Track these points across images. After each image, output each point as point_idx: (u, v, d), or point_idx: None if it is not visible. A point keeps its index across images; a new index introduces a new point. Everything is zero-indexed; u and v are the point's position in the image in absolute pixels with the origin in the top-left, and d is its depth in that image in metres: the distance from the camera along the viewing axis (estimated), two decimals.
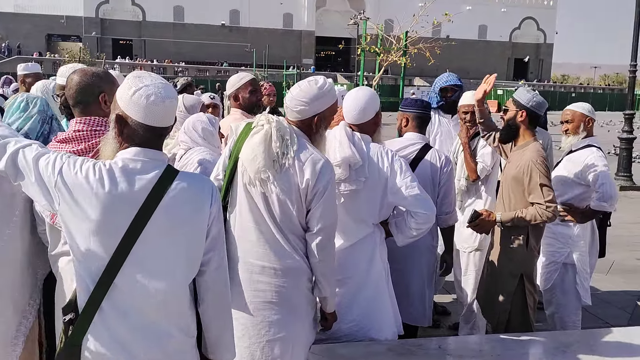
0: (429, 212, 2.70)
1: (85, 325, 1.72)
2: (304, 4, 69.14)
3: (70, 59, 46.28)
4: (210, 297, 1.86)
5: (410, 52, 9.33)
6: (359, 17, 19.75)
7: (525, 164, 3.09)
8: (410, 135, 3.37)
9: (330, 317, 2.52)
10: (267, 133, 2.29)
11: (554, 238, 3.75)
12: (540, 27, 75.84)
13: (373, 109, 2.87)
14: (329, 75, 55.30)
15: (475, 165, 3.97)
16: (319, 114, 2.37)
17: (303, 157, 2.27)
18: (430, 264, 3.41)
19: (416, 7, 16.04)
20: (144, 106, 1.70)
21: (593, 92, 60.22)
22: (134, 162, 1.73)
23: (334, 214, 2.38)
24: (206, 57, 63.71)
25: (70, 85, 2.36)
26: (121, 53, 61.47)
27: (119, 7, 65.52)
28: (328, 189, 2.29)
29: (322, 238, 2.32)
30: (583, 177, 3.64)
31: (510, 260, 3.19)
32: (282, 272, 2.35)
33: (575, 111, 3.78)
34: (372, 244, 2.83)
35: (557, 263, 3.75)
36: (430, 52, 9.52)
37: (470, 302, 4.06)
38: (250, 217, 2.34)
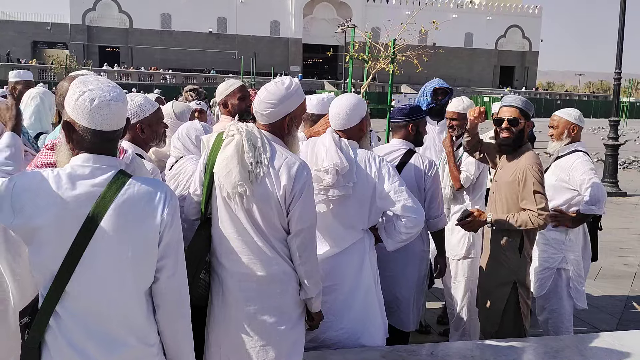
0: (417, 216, 2.71)
1: (41, 329, 1.72)
2: (292, 11, 69.43)
3: (57, 66, 46.05)
4: (164, 304, 1.81)
5: (398, 59, 9.37)
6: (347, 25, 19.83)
7: (521, 170, 3.09)
8: (395, 142, 3.42)
9: (316, 317, 2.51)
10: (239, 144, 2.28)
11: (547, 244, 3.77)
12: (526, 35, 76.84)
13: (358, 115, 2.87)
14: (316, 82, 55.57)
15: (459, 174, 4.00)
16: (289, 114, 2.38)
17: (277, 164, 2.28)
18: (421, 270, 3.41)
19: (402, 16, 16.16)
20: (88, 110, 1.68)
21: (578, 99, 61.01)
22: (83, 168, 1.71)
23: (312, 215, 2.38)
24: (193, 65, 63.67)
25: (60, 93, 2.35)
26: (108, 60, 61.21)
27: (105, 15, 65.31)
28: (305, 190, 2.29)
29: (302, 239, 2.32)
30: (571, 182, 3.67)
31: (503, 267, 3.19)
32: (269, 279, 2.34)
33: (561, 118, 3.82)
34: (361, 250, 2.83)
35: (551, 269, 3.77)
36: (418, 59, 9.56)
37: (460, 309, 4.07)
38: (232, 228, 2.33)
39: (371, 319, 2.84)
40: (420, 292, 3.44)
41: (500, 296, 3.20)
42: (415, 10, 11.79)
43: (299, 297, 2.42)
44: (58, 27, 64.66)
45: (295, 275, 2.38)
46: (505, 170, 3.23)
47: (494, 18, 74.60)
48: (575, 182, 3.65)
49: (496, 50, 76.24)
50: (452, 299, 4.14)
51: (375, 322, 2.86)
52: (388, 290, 3.11)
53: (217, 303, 2.42)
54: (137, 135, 2.67)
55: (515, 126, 3.15)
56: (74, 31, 64.19)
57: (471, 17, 73.59)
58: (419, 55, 9.98)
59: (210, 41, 67.63)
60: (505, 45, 76.73)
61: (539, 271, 3.78)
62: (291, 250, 2.34)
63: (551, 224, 3.59)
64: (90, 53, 63.24)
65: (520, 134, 3.17)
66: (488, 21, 74.37)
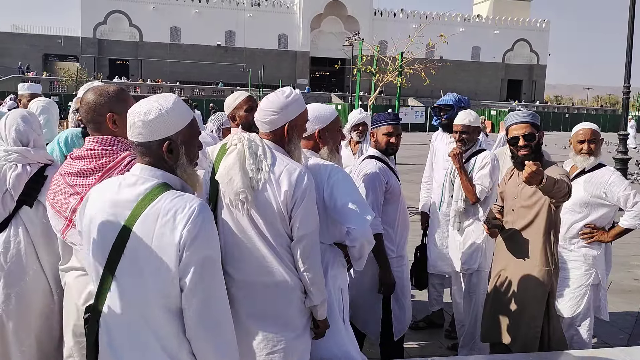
0: (359, 227, 2.53)
1: (93, 326, 1.81)
2: (299, 25, 69.93)
3: (67, 78, 46.53)
4: (188, 326, 1.74)
5: (406, 72, 9.40)
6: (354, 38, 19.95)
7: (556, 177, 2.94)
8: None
9: (322, 324, 2.49)
10: (240, 152, 2.31)
11: (580, 261, 3.72)
12: (533, 49, 76.87)
13: (316, 124, 2.72)
14: (324, 95, 55.75)
15: (473, 188, 3.96)
16: (289, 122, 2.40)
17: (278, 170, 2.29)
18: (369, 274, 3.34)
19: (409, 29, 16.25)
20: (128, 123, 1.82)
21: (586, 113, 60.79)
22: (131, 177, 1.81)
23: (314, 220, 2.37)
24: (202, 77, 64.12)
25: (82, 104, 2.37)
26: (118, 73, 61.79)
27: (116, 28, 66.05)
28: (306, 196, 2.29)
29: (305, 245, 2.32)
30: (610, 197, 3.63)
31: (538, 279, 3.11)
32: (274, 288, 2.34)
33: (599, 132, 3.76)
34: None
35: (586, 286, 3.71)
36: (426, 72, 9.59)
37: (471, 323, 4.02)
38: (236, 236, 2.34)
39: (340, 348, 2.67)
40: (374, 297, 3.39)
41: (537, 313, 3.10)
42: (422, 24, 11.85)
43: (304, 306, 2.41)
44: (69, 40, 65.45)
45: (300, 284, 2.37)
46: (529, 187, 3.06)
47: (501, 32, 74.73)
48: (614, 198, 3.61)
49: (503, 63, 76.26)
50: (462, 314, 4.09)
51: (350, 349, 2.70)
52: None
53: None
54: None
55: (532, 141, 3.10)
56: (84, 44, 64.93)
57: (478, 31, 73.76)
58: (426, 68, 10.03)
59: (218, 54, 68.18)
60: (513, 58, 76.76)
61: (572, 289, 3.71)
62: (295, 256, 2.34)
63: (585, 240, 3.59)
64: (101, 66, 63.91)
65: (537, 146, 3.14)
66: (495, 35, 74.51)
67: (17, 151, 2.58)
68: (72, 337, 2.33)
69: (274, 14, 69.67)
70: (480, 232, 3.95)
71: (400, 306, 3.51)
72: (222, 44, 68.79)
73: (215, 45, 68.20)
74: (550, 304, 3.13)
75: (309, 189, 2.31)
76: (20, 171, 2.57)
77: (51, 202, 2.30)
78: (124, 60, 66.89)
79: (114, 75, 60.17)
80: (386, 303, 3.44)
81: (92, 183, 2.21)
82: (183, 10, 67.19)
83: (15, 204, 2.56)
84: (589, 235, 3.69)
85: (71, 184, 2.25)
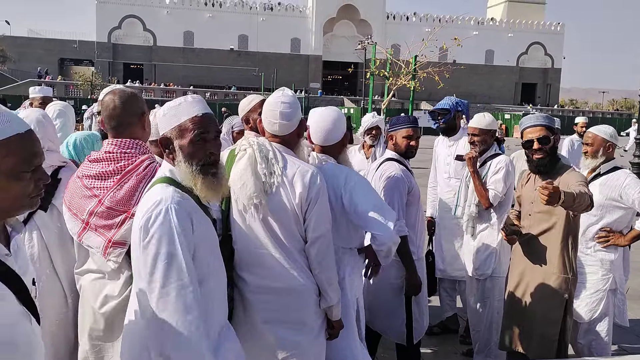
0: (384, 232, 2.52)
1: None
2: (312, 29, 70.10)
3: (83, 82, 47.07)
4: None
5: (419, 76, 9.37)
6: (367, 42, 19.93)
7: (566, 184, 2.92)
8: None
9: (336, 325, 2.47)
10: (251, 157, 2.31)
11: (597, 265, 3.66)
12: (548, 52, 76.33)
13: (340, 131, 2.72)
14: (336, 99, 55.79)
15: (486, 193, 3.92)
16: (300, 124, 2.42)
17: (290, 173, 2.28)
18: (392, 277, 3.35)
19: (422, 33, 16.18)
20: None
21: (602, 116, 60.16)
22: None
23: (328, 221, 2.35)
24: (215, 81, 64.52)
25: (105, 107, 2.35)
26: (132, 77, 62.37)
27: (130, 33, 66.71)
28: (320, 196, 2.28)
29: (320, 245, 2.31)
30: (625, 199, 3.56)
31: (554, 287, 3.07)
32: (288, 291, 2.33)
33: (596, 135, 3.74)
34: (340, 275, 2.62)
35: (603, 291, 3.64)
36: (439, 76, 9.55)
37: (486, 330, 3.97)
38: (250, 241, 2.33)
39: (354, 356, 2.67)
40: (398, 299, 3.39)
41: (554, 320, 3.05)
42: (435, 27, 11.82)
43: (319, 308, 2.40)
44: (84, 45, 66.22)
45: (315, 286, 2.36)
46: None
47: (515, 35, 74.30)
48: (629, 200, 3.55)
49: (517, 67, 75.80)
50: (477, 320, 4.04)
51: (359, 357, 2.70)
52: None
53: (239, 316, 2.42)
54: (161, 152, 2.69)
55: (547, 144, 3.06)
56: (99, 49, 65.65)
57: (492, 34, 73.42)
58: (440, 71, 9.98)
59: (231, 58, 68.56)
60: (527, 62, 76.28)
61: (589, 294, 3.65)
62: (309, 258, 2.33)
63: (601, 244, 3.53)
64: (115, 70, 64.55)
65: (553, 150, 3.09)
66: (509, 38, 74.10)
67: None
68: (88, 341, 2.33)
69: (286, 18, 69.94)
70: (494, 237, 3.91)
71: (419, 309, 3.49)
72: (235, 48, 69.16)
73: (228, 49, 68.59)
74: (567, 313, 3.07)
75: (322, 189, 2.31)
76: None
77: (68, 204, 2.30)
78: (138, 64, 67.51)
79: (127, 79, 60.72)
80: (407, 305, 3.42)
81: (111, 186, 2.22)
82: (196, 14, 67.70)
83: None
84: (605, 238, 3.63)
85: (89, 186, 2.25)
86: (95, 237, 2.23)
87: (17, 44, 62.32)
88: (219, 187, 1.92)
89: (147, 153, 2.33)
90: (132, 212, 2.15)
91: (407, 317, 3.42)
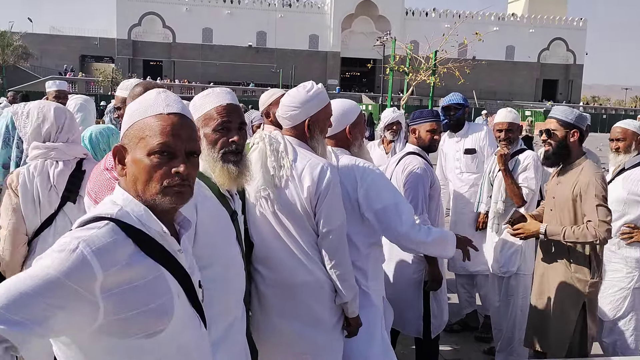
0: (407, 229, 2.48)
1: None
2: (330, 25, 69.98)
3: (103, 79, 47.67)
4: None
5: (439, 71, 9.28)
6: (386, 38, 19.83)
7: (583, 184, 2.90)
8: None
9: (353, 322, 2.42)
10: (262, 150, 2.29)
11: (621, 263, 3.57)
12: (570, 48, 75.14)
13: (345, 122, 2.66)
14: (354, 95, 55.67)
15: (519, 191, 3.84)
16: (310, 117, 2.34)
17: (300, 166, 2.25)
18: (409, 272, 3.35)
19: (441, 28, 16.03)
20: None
21: (624, 113, 59.05)
22: None
23: (340, 215, 2.30)
24: (233, 78, 64.81)
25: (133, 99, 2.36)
26: (151, 73, 62.92)
27: (150, 30, 67.32)
28: (330, 190, 2.23)
29: (332, 240, 2.26)
30: None
31: (572, 288, 3.00)
32: (302, 286, 2.31)
33: (627, 129, 3.65)
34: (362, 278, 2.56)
35: (627, 289, 3.56)
36: (460, 71, 9.45)
37: (509, 328, 3.90)
38: (264, 235, 2.31)
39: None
40: (416, 294, 3.37)
41: (569, 319, 3.00)
42: (456, 22, 11.69)
43: (334, 304, 2.36)
44: (105, 42, 67.01)
45: (329, 282, 2.32)
46: (564, 185, 3.02)
47: (536, 30, 73.29)
48: None
49: (539, 63, 74.79)
50: (499, 318, 3.98)
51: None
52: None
53: (255, 309, 2.41)
54: None
55: (550, 137, 3.01)
56: (120, 46, 66.39)
57: (513, 30, 72.54)
58: (460, 67, 9.87)
59: (249, 55, 68.78)
60: (549, 58, 75.20)
61: (612, 292, 3.57)
62: (323, 253, 2.30)
63: (625, 240, 3.44)
64: (135, 67, 65.23)
65: (561, 144, 3.00)
66: (530, 34, 73.11)
67: (56, 147, 2.59)
68: None
69: (304, 15, 69.91)
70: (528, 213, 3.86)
71: (438, 303, 3.45)
72: (254, 44, 69.38)
73: (247, 46, 68.83)
74: (587, 313, 2.99)
75: (333, 183, 2.25)
76: (62, 167, 2.57)
77: (94, 196, 2.29)
78: (158, 61, 68.13)
79: (147, 76, 61.29)
80: (425, 300, 3.39)
81: None
82: (215, 11, 68.04)
83: (60, 200, 2.57)
84: (628, 235, 3.53)
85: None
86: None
87: (39, 41, 63.24)
88: (237, 176, 1.90)
89: None
90: None
91: (424, 311, 3.39)
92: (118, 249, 1.19)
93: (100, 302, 1.14)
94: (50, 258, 1.12)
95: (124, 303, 1.18)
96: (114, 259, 1.17)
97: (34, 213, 2.52)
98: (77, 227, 1.23)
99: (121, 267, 1.18)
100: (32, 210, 2.52)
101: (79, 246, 1.13)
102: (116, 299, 1.17)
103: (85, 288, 1.12)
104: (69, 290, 1.10)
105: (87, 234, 1.17)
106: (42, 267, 1.11)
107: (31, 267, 1.13)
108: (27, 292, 1.06)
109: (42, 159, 2.57)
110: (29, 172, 2.53)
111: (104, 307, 1.15)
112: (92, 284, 1.13)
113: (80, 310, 1.12)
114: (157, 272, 1.26)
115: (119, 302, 1.17)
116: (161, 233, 1.29)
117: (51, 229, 2.55)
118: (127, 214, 1.26)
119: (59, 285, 1.09)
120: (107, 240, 1.18)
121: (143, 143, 1.28)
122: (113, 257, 1.17)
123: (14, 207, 2.50)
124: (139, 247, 1.23)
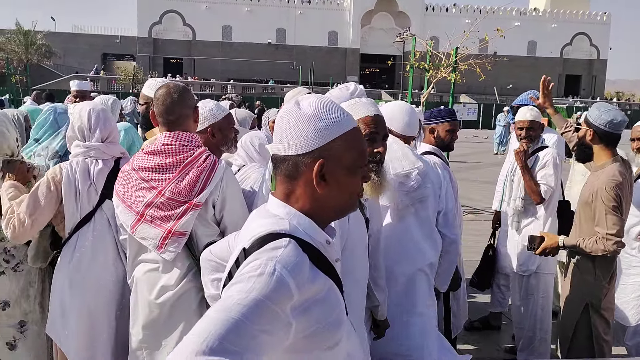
0: (450, 235, 2.64)
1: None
2: (349, 22, 69.70)
3: (125, 77, 48.20)
4: None
5: (460, 68, 9.20)
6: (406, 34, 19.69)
7: (597, 189, 2.88)
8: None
9: (382, 325, 2.45)
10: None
11: None
12: (593, 43, 73.72)
13: (418, 121, 2.84)
14: (373, 92, 55.42)
15: (537, 188, 3.82)
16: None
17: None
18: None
19: (462, 24, 15.85)
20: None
21: None
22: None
23: (378, 218, 2.34)
24: (252, 75, 64.98)
25: (159, 100, 2.41)
26: (172, 71, 63.44)
27: (170, 27, 67.81)
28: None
29: (369, 243, 2.25)
30: None
31: (577, 289, 3.02)
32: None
33: None
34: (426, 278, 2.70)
35: None
36: (481, 68, 9.34)
37: (530, 327, 3.88)
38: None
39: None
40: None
41: (571, 317, 3.02)
42: (477, 18, 11.55)
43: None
44: (126, 40, 67.72)
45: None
46: (585, 188, 3.02)
47: (559, 25, 72.03)
48: None
49: (561, 58, 73.53)
50: (520, 316, 3.96)
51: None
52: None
53: None
54: (208, 139, 2.72)
55: (577, 132, 3.10)
56: (140, 44, 67.01)
57: (535, 25, 71.37)
58: (481, 63, 9.76)
59: (269, 52, 68.87)
60: (572, 53, 73.88)
61: (635, 297, 3.54)
62: None
63: None
64: (156, 64, 65.78)
65: (580, 141, 3.03)
66: (553, 29, 71.88)
67: (96, 147, 2.67)
68: (142, 331, 2.37)
69: (324, 11, 69.73)
70: (540, 232, 3.82)
71: (458, 303, 3.45)
72: (273, 41, 69.44)
73: (266, 43, 68.93)
74: (593, 316, 2.98)
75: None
76: (102, 166, 2.65)
77: (122, 197, 2.34)
78: (178, 58, 68.62)
79: (167, 73, 61.83)
80: (445, 300, 3.39)
81: (170, 178, 2.26)
82: (234, 8, 68.23)
83: (99, 198, 2.63)
84: None
85: (147, 178, 2.29)
86: (150, 229, 2.27)
87: (61, 40, 64.16)
88: (379, 185, 1.99)
89: (202, 146, 2.37)
90: (194, 203, 2.21)
91: (445, 311, 3.39)
92: (304, 266, 1.20)
93: (292, 321, 1.13)
94: (251, 283, 1.10)
95: (311, 319, 1.19)
96: (303, 277, 1.18)
97: (75, 208, 2.60)
98: (258, 246, 1.20)
99: (308, 284, 1.19)
100: (73, 206, 2.60)
101: (276, 268, 1.13)
102: (304, 317, 1.17)
103: (282, 309, 1.11)
104: (272, 313, 1.09)
105: (277, 254, 1.16)
106: (244, 292, 1.08)
107: (227, 296, 1.10)
108: (239, 319, 1.03)
109: (82, 157, 2.65)
110: (71, 168, 2.61)
111: (295, 325, 1.14)
112: (288, 304, 1.13)
113: (279, 331, 1.11)
114: (329, 284, 1.26)
115: (306, 319, 1.18)
116: (324, 244, 1.29)
117: (90, 225, 2.61)
118: (296, 228, 1.26)
119: (264, 308, 1.07)
120: (296, 260, 1.17)
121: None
122: (303, 275, 1.18)
123: (46, 197, 2.55)
124: (311, 261, 1.23)
